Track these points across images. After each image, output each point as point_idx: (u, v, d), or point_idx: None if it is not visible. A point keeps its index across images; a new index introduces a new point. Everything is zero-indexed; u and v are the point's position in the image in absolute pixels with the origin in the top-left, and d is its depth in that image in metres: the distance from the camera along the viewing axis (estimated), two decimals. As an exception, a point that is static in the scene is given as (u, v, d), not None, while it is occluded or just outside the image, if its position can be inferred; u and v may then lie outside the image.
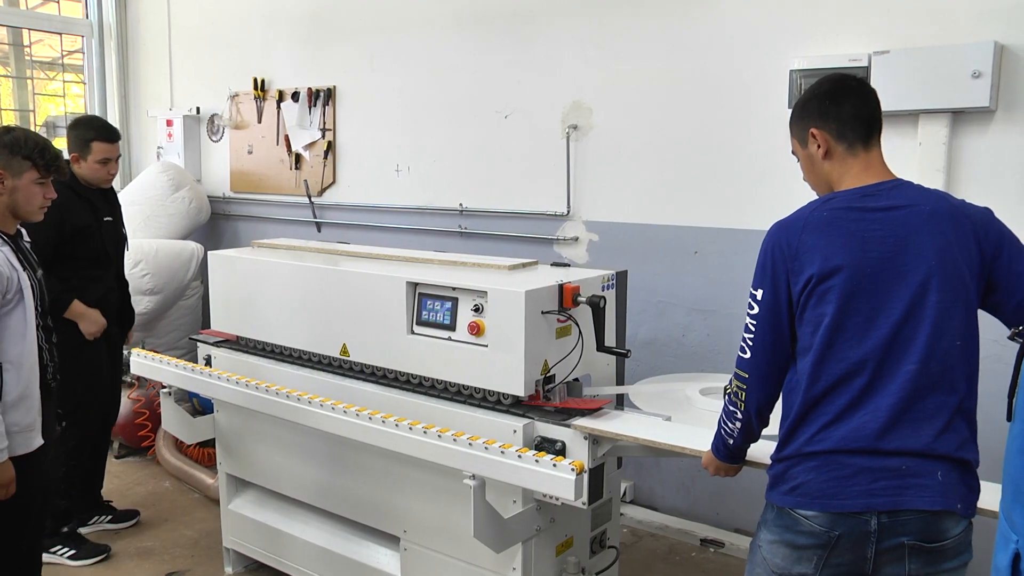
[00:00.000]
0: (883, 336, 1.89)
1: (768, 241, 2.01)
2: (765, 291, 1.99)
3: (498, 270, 2.97)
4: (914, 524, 1.87)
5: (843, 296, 1.89)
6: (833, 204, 1.97)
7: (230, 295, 3.48)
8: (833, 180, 2.06)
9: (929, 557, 1.90)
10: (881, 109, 2.07)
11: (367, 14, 5.25)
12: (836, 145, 2.04)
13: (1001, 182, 3.31)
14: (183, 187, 5.92)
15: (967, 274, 1.92)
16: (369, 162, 5.34)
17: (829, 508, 1.89)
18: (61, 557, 3.88)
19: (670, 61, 4.08)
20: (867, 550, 1.90)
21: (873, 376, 1.89)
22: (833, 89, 2.07)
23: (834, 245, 1.91)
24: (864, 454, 1.87)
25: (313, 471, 3.31)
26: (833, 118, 2.04)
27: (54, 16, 6.60)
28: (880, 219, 1.93)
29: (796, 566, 1.96)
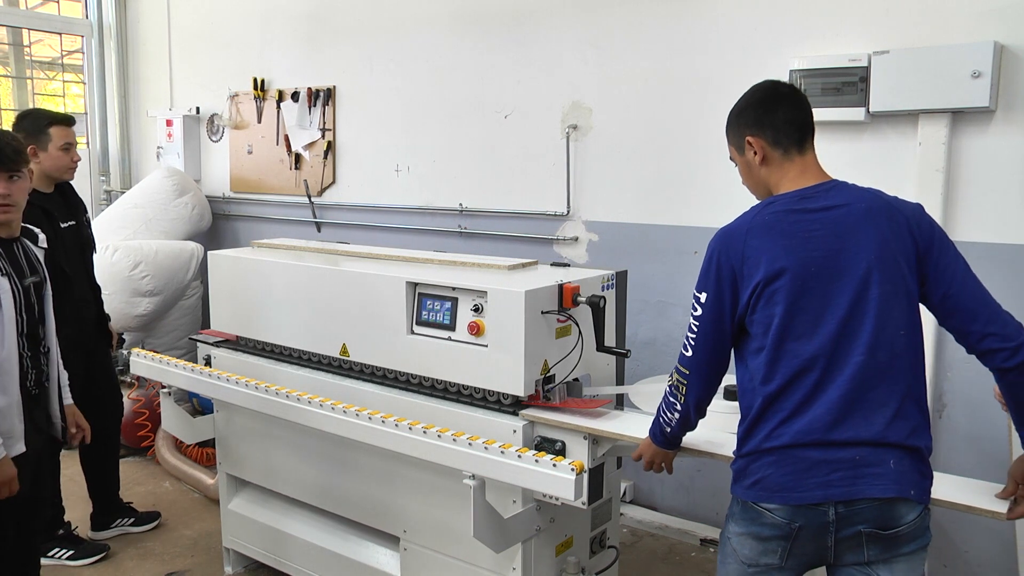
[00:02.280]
0: (831, 331, 1.96)
1: (713, 247, 2.10)
2: (708, 294, 2.07)
3: (498, 270, 2.97)
4: (869, 512, 1.94)
5: (790, 296, 1.97)
6: (773, 208, 2.06)
7: (230, 295, 3.48)
8: (771, 185, 2.13)
9: (886, 543, 1.97)
10: (812, 114, 2.14)
11: (367, 14, 5.25)
12: (772, 151, 2.11)
13: (1001, 182, 3.31)
14: (187, 193, 5.92)
15: (905, 267, 1.99)
16: (369, 162, 5.34)
17: (789, 501, 1.97)
18: (60, 559, 3.88)
19: (670, 61, 4.08)
20: (827, 539, 1.98)
21: (824, 371, 1.96)
22: (766, 97, 2.14)
23: (778, 247, 2.00)
24: (819, 447, 1.95)
25: (313, 471, 3.31)
26: (768, 125, 2.11)
27: (54, 16, 6.60)
28: (819, 219, 2.01)
29: (763, 557, 2.05)
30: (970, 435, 3.44)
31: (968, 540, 3.51)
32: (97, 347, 4.03)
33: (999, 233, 3.33)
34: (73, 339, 3.54)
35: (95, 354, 3.98)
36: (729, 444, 2.38)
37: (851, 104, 3.47)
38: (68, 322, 3.48)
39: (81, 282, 3.86)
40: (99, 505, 4.13)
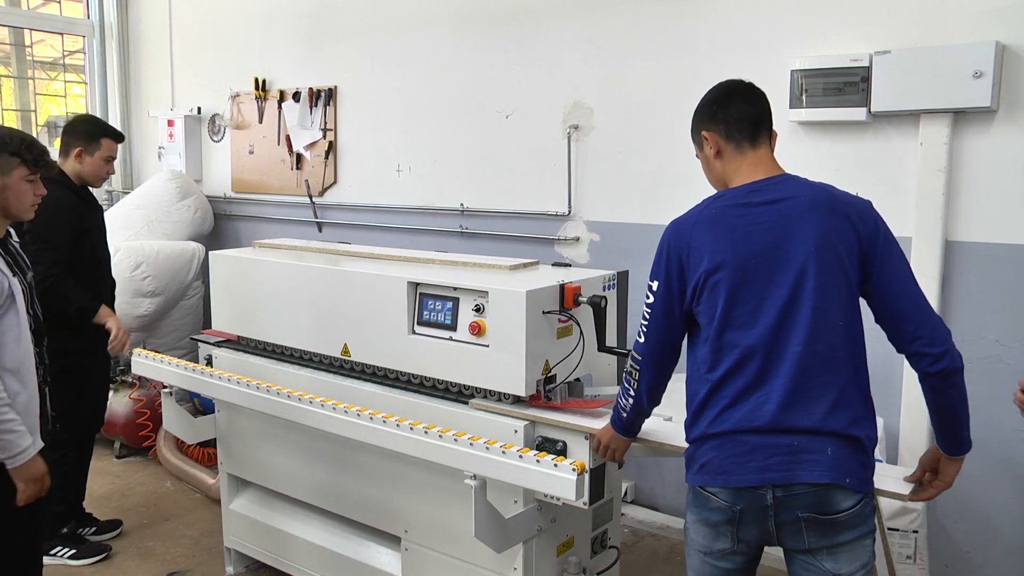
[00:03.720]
0: (770, 322, 2.02)
1: (664, 237, 2.18)
2: (659, 283, 2.16)
3: (499, 270, 2.97)
4: (806, 498, 1.99)
5: (731, 287, 2.04)
6: (721, 202, 2.13)
7: (231, 295, 3.49)
8: (726, 177, 2.20)
9: (825, 529, 2.02)
10: (769, 109, 2.20)
11: (368, 14, 5.25)
12: (726, 145, 2.18)
13: (1002, 182, 3.31)
14: (190, 196, 5.93)
15: (846, 259, 2.03)
16: (370, 162, 5.34)
17: (729, 483, 2.04)
18: (62, 558, 3.88)
19: (671, 61, 4.08)
20: (767, 523, 2.04)
21: (764, 360, 2.02)
22: (721, 94, 2.22)
23: (720, 240, 2.07)
24: (759, 433, 2.01)
25: (314, 471, 3.31)
26: (721, 120, 2.18)
27: (55, 16, 6.61)
28: (764, 212, 2.07)
29: (716, 543, 2.12)
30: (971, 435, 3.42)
31: (969, 540, 3.51)
32: (99, 346, 4.03)
33: (1000, 233, 3.33)
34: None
35: (97, 353, 3.97)
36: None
37: (852, 104, 3.46)
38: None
39: (110, 270, 4.10)
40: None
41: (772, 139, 2.22)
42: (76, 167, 3.81)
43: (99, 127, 3.91)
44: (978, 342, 3.36)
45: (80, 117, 4.04)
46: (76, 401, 3.83)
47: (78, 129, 3.84)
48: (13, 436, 2.52)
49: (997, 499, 3.41)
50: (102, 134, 3.85)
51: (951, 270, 3.44)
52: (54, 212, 3.52)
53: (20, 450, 2.53)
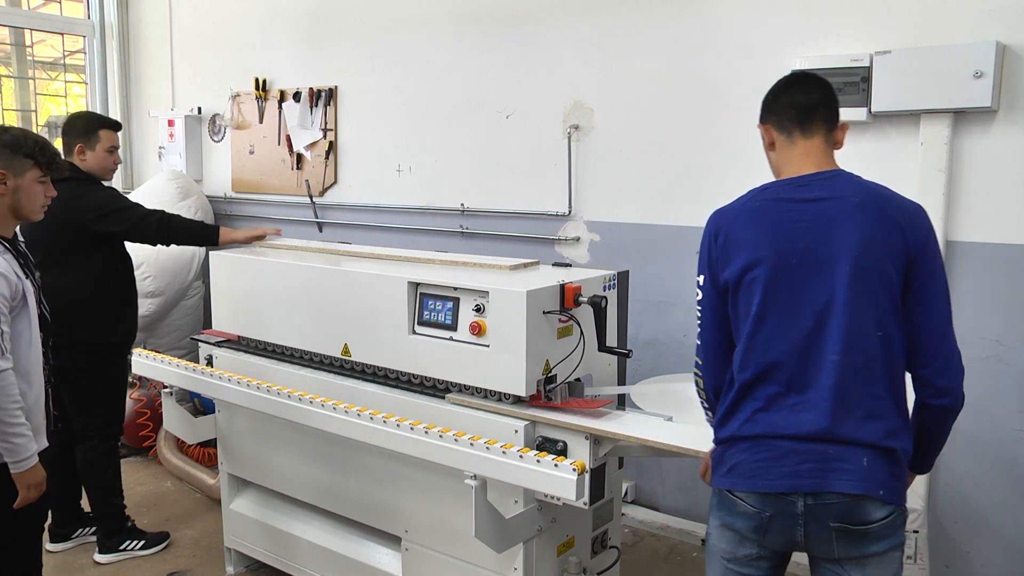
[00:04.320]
0: (807, 327, 1.95)
1: (706, 229, 2.12)
2: (704, 277, 2.10)
3: (499, 270, 2.97)
4: (838, 508, 1.93)
5: (768, 285, 1.97)
6: (766, 195, 2.06)
7: (232, 295, 3.49)
8: (778, 169, 2.14)
9: (855, 540, 1.96)
10: (829, 98, 2.11)
11: (368, 14, 5.25)
12: (778, 136, 2.12)
13: (1003, 182, 3.30)
14: (190, 196, 5.92)
15: (890, 267, 1.95)
16: (370, 162, 5.35)
17: (758, 488, 1.97)
18: (133, 550, 3.95)
19: (671, 61, 4.08)
20: (796, 532, 1.97)
21: (800, 366, 1.96)
22: (777, 86, 2.17)
23: (761, 235, 2.00)
24: (793, 439, 1.95)
25: (315, 471, 3.31)
26: (773, 111, 2.14)
27: (56, 16, 6.61)
28: (807, 210, 1.99)
29: (740, 549, 2.06)
30: (972, 435, 3.43)
31: (970, 541, 3.50)
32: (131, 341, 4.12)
33: (1001, 233, 3.33)
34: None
35: (130, 347, 4.03)
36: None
37: (853, 104, 3.46)
38: (132, 296, 3.99)
39: None
40: (58, 515, 4.00)
41: (836, 132, 2.12)
42: (81, 164, 3.83)
43: (94, 120, 3.93)
44: (978, 342, 3.36)
45: (74, 115, 4.04)
46: (114, 394, 3.95)
47: (74, 126, 3.86)
48: (22, 441, 2.55)
49: (997, 499, 3.41)
50: (99, 126, 3.86)
51: (951, 270, 3.43)
52: (110, 189, 3.84)
53: (26, 455, 2.56)
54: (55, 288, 3.67)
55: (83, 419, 3.85)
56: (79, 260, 3.73)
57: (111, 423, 3.96)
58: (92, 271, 3.77)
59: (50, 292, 3.63)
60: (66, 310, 3.68)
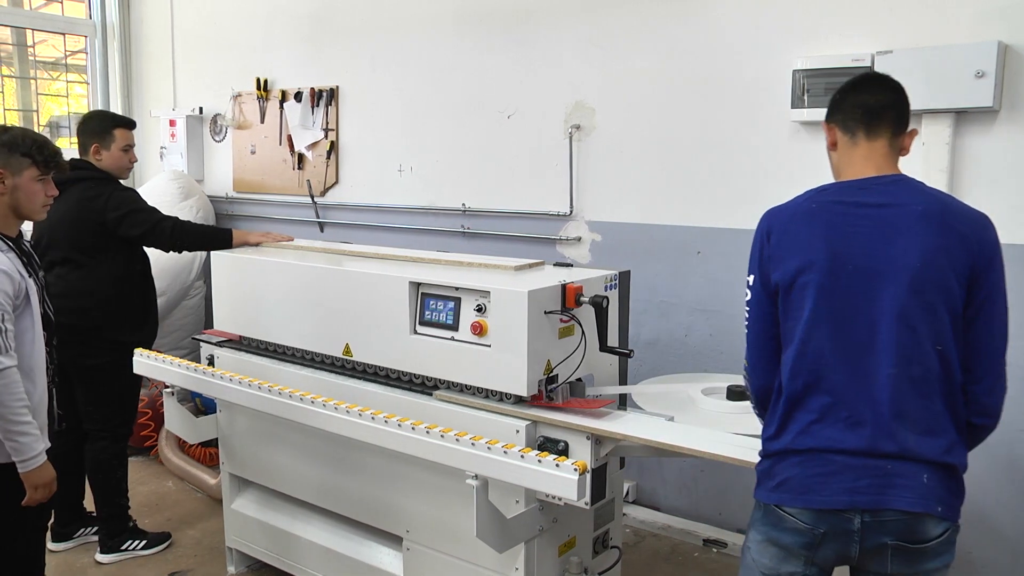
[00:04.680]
0: (861, 337, 1.89)
1: (759, 228, 2.05)
2: (755, 276, 2.03)
3: (501, 270, 2.96)
4: (896, 525, 1.88)
5: (821, 291, 1.90)
6: (824, 196, 1.99)
7: (233, 295, 3.49)
8: (839, 170, 2.07)
9: (911, 557, 1.91)
10: (899, 102, 2.03)
11: (369, 14, 5.25)
12: (841, 136, 2.05)
13: (1004, 182, 3.30)
14: (192, 196, 5.92)
15: (953, 280, 1.88)
16: (372, 162, 5.35)
17: (812, 504, 1.90)
18: (135, 550, 3.96)
19: (673, 61, 4.08)
20: (851, 548, 1.92)
21: (852, 377, 1.89)
22: (847, 85, 2.09)
23: (816, 238, 1.92)
24: (850, 454, 1.88)
25: (316, 471, 3.31)
26: (839, 110, 2.06)
27: (57, 16, 6.61)
28: (867, 215, 1.92)
29: (784, 565, 1.99)
30: (974, 435, 3.43)
31: (971, 540, 3.50)
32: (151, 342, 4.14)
33: (1003, 234, 3.27)
34: None
35: (149, 347, 4.05)
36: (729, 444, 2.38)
37: (854, 104, 3.46)
38: (149, 295, 4.03)
39: None
40: (61, 515, 4.00)
41: (903, 137, 2.04)
42: (98, 163, 3.85)
43: (108, 119, 3.94)
44: (980, 342, 3.35)
45: (88, 114, 4.06)
46: (131, 393, 3.98)
47: (89, 126, 3.87)
48: (29, 440, 2.55)
49: (1000, 499, 3.41)
50: (113, 125, 3.87)
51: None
52: (129, 191, 3.88)
53: (34, 454, 2.57)
54: (82, 288, 3.72)
55: (97, 418, 3.86)
56: (105, 259, 3.77)
57: (123, 423, 3.98)
58: (117, 271, 3.81)
59: (77, 292, 3.70)
60: (93, 310, 3.72)
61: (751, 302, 2.03)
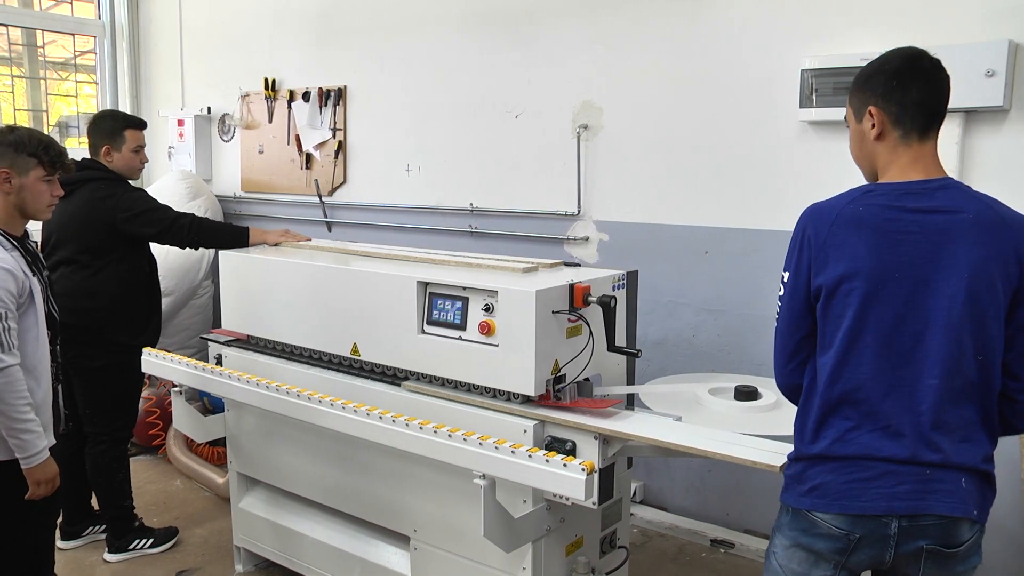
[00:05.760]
0: (905, 346, 1.85)
1: (799, 225, 1.96)
2: (790, 274, 1.96)
3: (510, 270, 2.96)
4: (934, 529, 1.86)
5: (867, 299, 1.85)
6: (871, 199, 1.89)
7: (241, 294, 3.49)
8: (879, 165, 1.97)
9: (944, 561, 1.90)
10: (948, 100, 1.95)
11: (377, 14, 5.26)
12: (892, 130, 1.93)
13: (1015, 182, 3.28)
14: (200, 196, 5.94)
15: (1000, 289, 1.83)
16: (380, 162, 5.35)
17: (849, 510, 1.87)
18: (143, 549, 3.97)
19: (680, 61, 4.07)
20: (886, 553, 1.89)
21: (894, 386, 1.86)
22: (903, 68, 1.93)
23: (863, 244, 1.85)
24: (888, 461, 1.86)
25: (323, 470, 3.31)
26: (896, 101, 1.92)
27: (67, 17, 6.64)
28: (917, 221, 1.84)
29: (814, 570, 1.96)
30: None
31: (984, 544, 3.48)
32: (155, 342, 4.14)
33: (1013, 233, 3.31)
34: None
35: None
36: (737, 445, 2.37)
37: (863, 104, 3.44)
38: (154, 297, 4.02)
39: None
40: (69, 514, 4.02)
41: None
42: (108, 164, 3.85)
43: (119, 120, 3.93)
44: (990, 343, 3.34)
45: (99, 114, 4.04)
46: (130, 396, 3.99)
47: (100, 127, 3.87)
48: (32, 437, 2.57)
49: (1004, 499, 3.39)
50: (124, 126, 3.87)
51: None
52: (140, 191, 3.89)
53: (37, 451, 2.59)
54: (86, 289, 3.72)
55: (97, 421, 3.87)
56: (111, 261, 3.77)
57: (124, 426, 3.98)
58: (124, 272, 3.81)
59: (81, 292, 3.70)
60: (96, 311, 3.72)
61: (784, 299, 1.97)
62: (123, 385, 3.90)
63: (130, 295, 3.85)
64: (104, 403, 3.85)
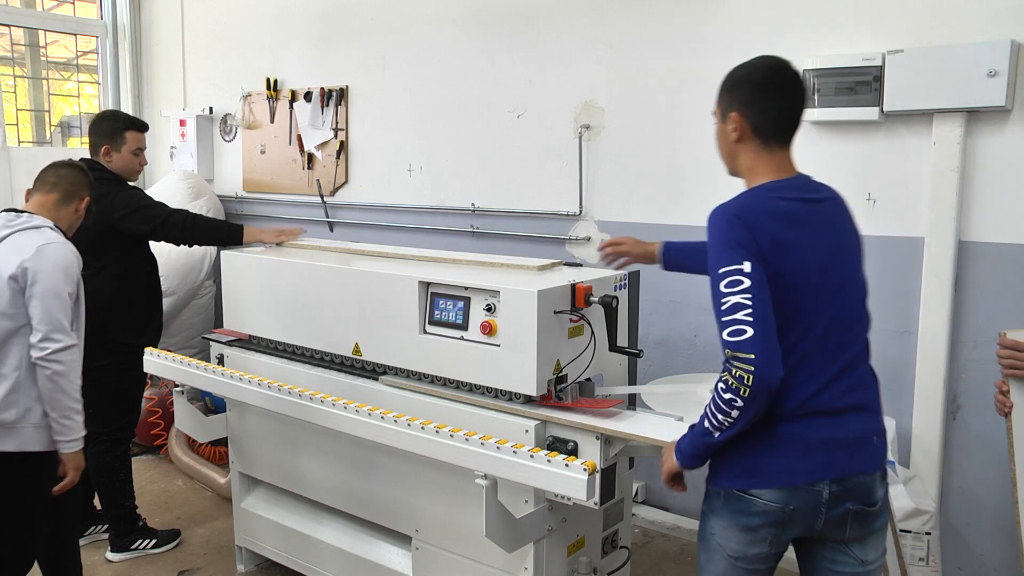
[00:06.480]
0: (828, 321, 1.99)
1: (733, 220, 1.96)
2: (752, 263, 1.90)
3: (511, 270, 2.96)
4: (858, 489, 2.01)
5: (805, 282, 1.97)
6: (784, 194, 2.03)
7: (243, 294, 3.50)
8: (741, 165, 2.13)
9: (865, 520, 2.05)
10: (805, 108, 2.12)
11: (379, 14, 5.26)
12: (752, 136, 2.08)
13: (1017, 182, 3.28)
14: (202, 196, 5.95)
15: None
16: (381, 162, 5.35)
17: (786, 484, 1.97)
18: (146, 549, 3.99)
19: (682, 61, 4.07)
20: (817, 520, 2.01)
21: (826, 362, 1.99)
22: (766, 80, 2.07)
23: (802, 235, 1.98)
24: (821, 433, 1.97)
25: (325, 470, 3.32)
26: (759, 111, 2.06)
27: (69, 17, 6.64)
28: (820, 210, 2.05)
29: (751, 548, 2.05)
30: (984, 437, 3.41)
31: (983, 543, 3.49)
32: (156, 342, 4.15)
33: (1014, 233, 3.31)
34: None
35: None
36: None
37: (865, 104, 3.45)
38: (154, 297, 4.02)
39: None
40: None
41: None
42: (107, 164, 3.84)
43: (121, 120, 3.92)
44: (992, 343, 3.30)
45: (101, 114, 4.04)
46: (132, 396, 4.00)
47: (101, 127, 3.86)
48: (79, 419, 2.71)
49: (1009, 501, 3.39)
50: (125, 127, 3.86)
51: (964, 270, 3.42)
52: (135, 189, 3.89)
53: (80, 435, 2.71)
54: (88, 288, 3.72)
55: (98, 421, 3.86)
56: (111, 260, 3.77)
57: (125, 426, 3.98)
58: (123, 271, 3.81)
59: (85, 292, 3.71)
60: (99, 310, 3.72)
61: (753, 288, 1.88)
62: (124, 385, 3.90)
63: (130, 295, 3.84)
64: (105, 403, 3.85)
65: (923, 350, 3.49)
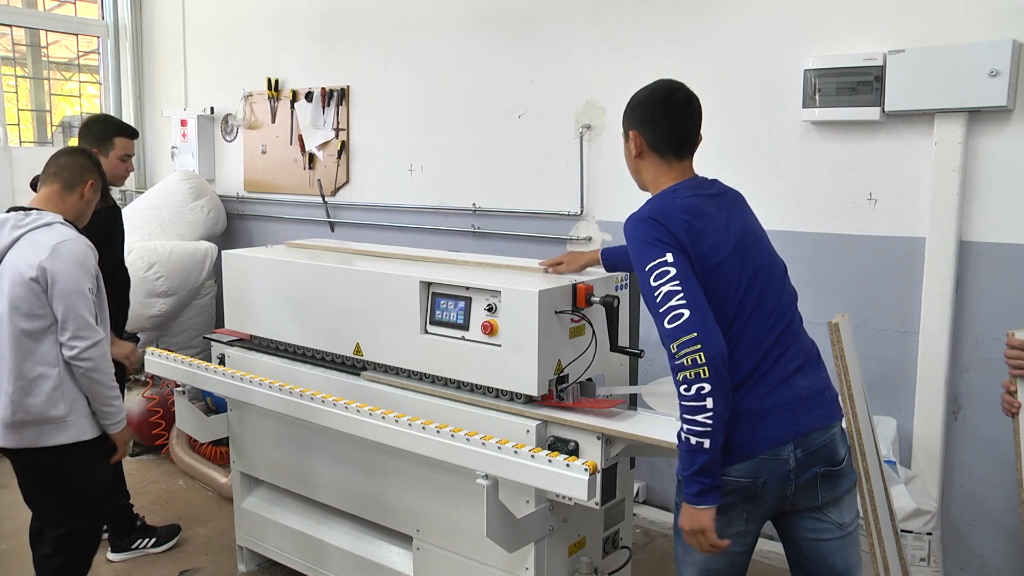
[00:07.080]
0: (752, 299, 2.12)
1: (650, 222, 2.13)
2: (674, 254, 2.05)
3: (513, 270, 2.96)
4: (822, 452, 2.11)
5: (726, 260, 2.11)
6: (689, 193, 2.20)
7: (244, 294, 3.50)
8: (646, 178, 2.33)
9: (834, 481, 2.15)
10: (700, 126, 2.30)
11: (380, 14, 5.26)
12: (650, 152, 2.29)
13: (1018, 182, 3.28)
14: (203, 196, 5.95)
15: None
16: (382, 162, 5.35)
17: (747, 455, 2.05)
18: (146, 548, 4.00)
19: (683, 61, 4.07)
20: (787, 488, 2.10)
21: (760, 335, 2.11)
22: (658, 103, 2.28)
23: (715, 229, 2.14)
24: (768, 385, 2.08)
25: (326, 470, 3.32)
26: (651, 130, 2.27)
27: (70, 17, 6.65)
28: (721, 201, 2.23)
29: (728, 528, 2.10)
30: (986, 437, 3.41)
31: (984, 543, 3.48)
32: None
33: (1016, 233, 3.31)
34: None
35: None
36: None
37: (866, 104, 3.45)
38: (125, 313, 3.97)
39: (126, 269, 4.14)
40: None
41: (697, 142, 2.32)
42: None
43: (111, 126, 3.90)
44: (993, 343, 3.33)
45: (92, 117, 4.02)
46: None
47: (91, 131, 3.84)
48: (119, 402, 2.93)
49: (1012, 502, 3.39)
50: (115, 133, 3.84)
51: (965, 271, 3.41)
52: (116, 211, 3.83)
53: (123, 415, 2.95)
54: None
55: None
56: None
57: None
58: None
59: None
60: None
61: (680, 275, 2.01)
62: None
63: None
64: None
65: (924, 350, 3.48)
